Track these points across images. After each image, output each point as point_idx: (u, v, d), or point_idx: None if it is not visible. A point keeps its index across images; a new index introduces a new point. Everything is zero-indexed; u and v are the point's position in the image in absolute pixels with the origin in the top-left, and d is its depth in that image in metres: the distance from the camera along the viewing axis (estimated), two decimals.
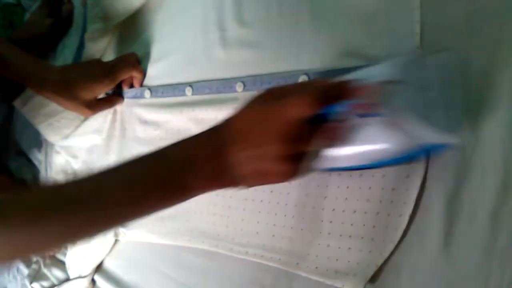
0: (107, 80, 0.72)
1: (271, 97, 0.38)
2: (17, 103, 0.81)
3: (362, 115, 0.35)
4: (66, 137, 0.83)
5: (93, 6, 0.79)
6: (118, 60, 0.75)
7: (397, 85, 0.35)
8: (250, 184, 0.41)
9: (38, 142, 0.90)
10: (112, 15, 0.77)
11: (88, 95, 0.72)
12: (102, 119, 0.79)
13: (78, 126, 0.81)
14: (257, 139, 0.36)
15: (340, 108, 0.35)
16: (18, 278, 0.87)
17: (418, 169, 0.43)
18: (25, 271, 0.85)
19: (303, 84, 0.40)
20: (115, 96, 0.77)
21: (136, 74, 0.74)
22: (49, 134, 0.83)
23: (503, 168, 0.39)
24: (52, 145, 0.87)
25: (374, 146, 0.40)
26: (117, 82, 0.74)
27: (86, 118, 0.81)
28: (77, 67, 0.77)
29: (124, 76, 0.74)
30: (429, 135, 0.36)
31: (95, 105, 0.75)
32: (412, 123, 0.35)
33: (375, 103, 0.33)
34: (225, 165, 0.38)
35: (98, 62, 0.76)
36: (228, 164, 0.38)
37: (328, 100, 0.36)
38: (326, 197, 0.49)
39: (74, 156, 0.83)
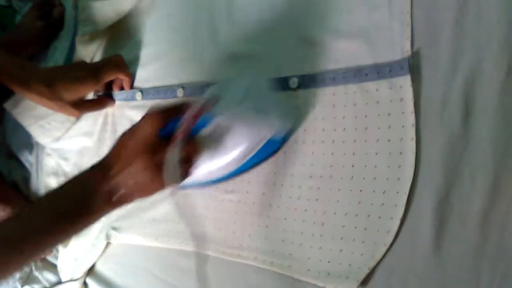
0: (92, 81, 0.72)
1: (133, 125, 0.47)
2: (7, 105, 0.80)
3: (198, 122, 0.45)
4: (57, 139, 0.82)
5: (83, 9, 0.79)
6: (103, 61, 0.75)
7: (218, 99, 0.47)
8: (138, 197, 0.48)
9: (29, 144, 0.90)
10: (102, 19, 0.77)
11: (72, 95, 0.72)
12: (92, 121, 0.79)
13: (69, 129, 0.81)
14: (128, 158, 0.45)
15: (180, 121, 0.44)
16: (10, 281, 0.86)
17: (408, 172, 0.43)
18: (16, 274, 0.85)
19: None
20: (105, 98, 0.77)
21: (122, 77, 0.74)
22: (40, 136, 0.83)
23: (493, 170, 0.40)
24: (43, 147, 0.87)
25: (230, 150, 0.49)
26: (102, 83, 0.74)
27: (77, 120, 0.80)
28: (62, 68, 0.77)
29: (110, 77, 0.73)
30: (263, 127, 0.49)
31: (82, 106, 0.75)
32: (243, 122, 0.47)
33: (201, 111, 0.44)
34: (114, 186, 0.46)
35: (83, 64, 0.76)
36: (116, 184, 0.46)
37: (171, 117, 0.46)
38: (317, 199, 0.49)
39: (65, 159, 0.83)
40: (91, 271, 0.73)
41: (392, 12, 0.47)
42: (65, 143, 0.82)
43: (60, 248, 0.76)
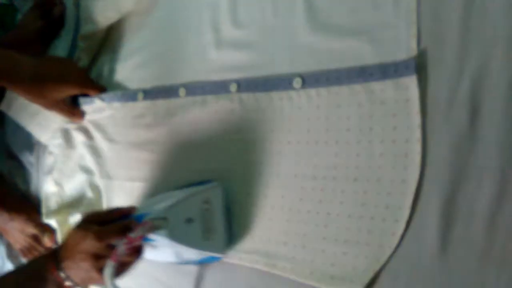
0: (77, 86, 0.75)
1: (86, 222, 0.55)
2: (3, 106, 0.81)
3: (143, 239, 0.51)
4: (55, 131, 0.83)
5: (85, 7, 0.79)
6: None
7: (164, 220, 0.51)
8: (84, 286, 0.56)
9: (30, 145, 0.90)
10: (103, 17, 0.77)
11: (55, 95, 0.74)
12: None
13: (64, 120, 0.82)
14: (77, 257, 0.52)
15: (126, 239, 0.49)
16: None
17: (413, 173, 0.43)
18: None
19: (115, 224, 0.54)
20: (78, 113, 0.79)
21: (91, 92, 0.77)
22: (40, 134, 0.83)
23: (500, 172, 0.39)
24: (44, 147, 0.87)
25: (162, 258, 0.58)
26: (84, 91, 0.76)
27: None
28: (52, 65, 0.77)
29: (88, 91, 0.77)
30: (190, 253, 0.54)
31: (57, 106, 0.77)
32: (174, 246, 0.52)
33: (144, 234, 0.50)
34: (63, 276, 0.54)
35: (73, 66, 0.78)
36: (65, 276, 0.54)
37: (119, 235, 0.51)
38: (320, 201, 0.49)
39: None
40: None
41: (397, 10, 0.47)
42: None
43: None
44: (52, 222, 0.81)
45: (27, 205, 0.87)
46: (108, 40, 0.82)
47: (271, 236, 0.52)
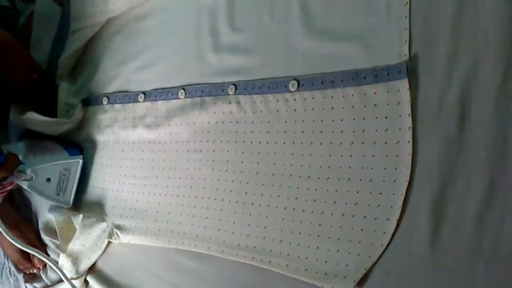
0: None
1: None
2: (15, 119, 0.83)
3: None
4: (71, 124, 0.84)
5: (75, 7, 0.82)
6: None
7: (29, 175, 0.73)
8: None
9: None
10: (90, 15, 0.80)
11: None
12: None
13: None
14: None
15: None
16: (11, 279, 0.87)
17: (404, 174, 0.44)
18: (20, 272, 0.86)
19: None
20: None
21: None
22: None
23: (488, 173, 0.40)
24: None
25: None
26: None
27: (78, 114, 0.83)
28: None
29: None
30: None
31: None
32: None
33: (13, 181, 0.69)
34: None
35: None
36: None
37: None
38: (315, 200, 0.50)
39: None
40: (92, 270, 0.73)
41: (390, 17, 0.48)
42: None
43: (62, 246, 0.76)
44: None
45: (23, 223, 0.87)
46: (109, 43, 0.82)
47: (266, 234, 0.53)
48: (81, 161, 0.78)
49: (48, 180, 0.75)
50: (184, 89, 0.66)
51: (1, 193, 0.65)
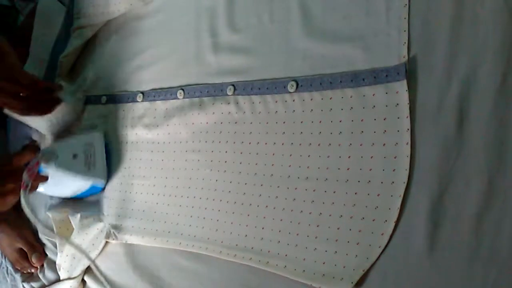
0: None
1: None
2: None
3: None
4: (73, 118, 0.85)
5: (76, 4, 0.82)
6: None
7: (53, 154, 0.71)
8: None
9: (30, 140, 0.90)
10: (90, 16, 0.80)
11: None
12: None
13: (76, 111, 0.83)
14: None
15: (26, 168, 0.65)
16: (8, 279, 0.86)
17: (402, 176, 0.44)
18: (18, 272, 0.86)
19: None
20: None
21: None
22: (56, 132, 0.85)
23: (486, 175, 0.40)
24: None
25: (62, 186, 0.75)
26: None
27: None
28: None
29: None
30: (77, 184, 0.74)
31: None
32: (63, 176, 0.71)
33: (39, 160, 0.67)
34: None
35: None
36: None
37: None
38: (313, 201, 0.50)
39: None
40: (89, 270, 0.73)
41: (389, 18, 0.48)
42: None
43: (59, 246, 0.76)
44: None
45: (22, 222, 0.86)
46: (108, 43, 0.82)
47: (264, 235, 0.53)
48: (101, 134, 0.76)
49: (75, 156, 0.72)
50: (183, 89, 0.66)
51: (30, 175, 0.63)
